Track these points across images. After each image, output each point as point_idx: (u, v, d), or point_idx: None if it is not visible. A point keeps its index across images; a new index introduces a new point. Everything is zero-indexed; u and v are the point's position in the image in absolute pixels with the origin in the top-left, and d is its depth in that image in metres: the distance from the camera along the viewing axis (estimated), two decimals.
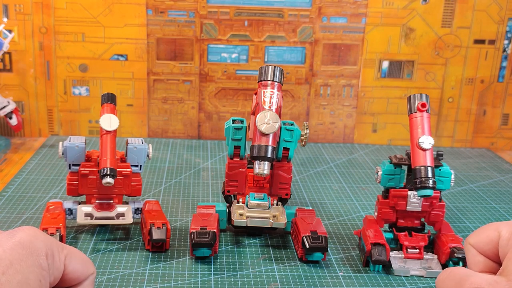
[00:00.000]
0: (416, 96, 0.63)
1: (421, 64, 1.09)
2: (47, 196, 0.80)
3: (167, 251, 0.66)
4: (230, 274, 0.62)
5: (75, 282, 0.42)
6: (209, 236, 0.62)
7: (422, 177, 0.59)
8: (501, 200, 0.87)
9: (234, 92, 1.09)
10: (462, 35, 1.08)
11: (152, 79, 1.07)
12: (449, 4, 1.06)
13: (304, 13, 1.05)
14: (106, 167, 0.61)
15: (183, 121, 1.10)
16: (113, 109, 0.66)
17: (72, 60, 1.05)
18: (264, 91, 0.65)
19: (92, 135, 1.09)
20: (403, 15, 1.06)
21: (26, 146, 1.03)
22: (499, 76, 1.11)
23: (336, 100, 1.10)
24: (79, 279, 0.42)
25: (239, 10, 1.04)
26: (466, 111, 1.12)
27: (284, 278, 0.61)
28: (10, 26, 1.01)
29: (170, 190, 0.85)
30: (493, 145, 1.15)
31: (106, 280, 0.59)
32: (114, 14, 1.03)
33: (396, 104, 1.11)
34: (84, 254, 0.44)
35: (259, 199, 0.66)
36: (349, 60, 1.08)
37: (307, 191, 0.87)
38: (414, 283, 0.62)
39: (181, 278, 0.60)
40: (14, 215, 0.74)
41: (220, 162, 0.99)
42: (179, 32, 1.05)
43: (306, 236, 0.64)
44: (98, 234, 0.69)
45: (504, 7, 1.07)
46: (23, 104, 1.06)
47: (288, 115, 1.10)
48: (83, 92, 1.07)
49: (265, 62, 1.07)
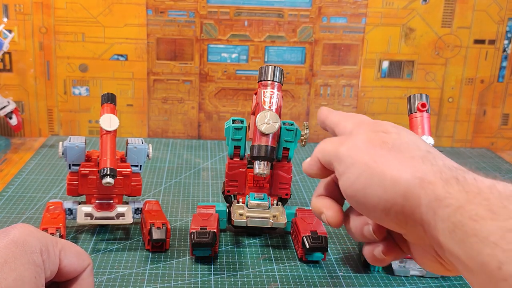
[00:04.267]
0: (416, 96, 0.63)
1: (421, 64, 1.09)
2: (47, 196, 0.80)
3: (167, 251, 0.66)
4: (230, 274, 0.62)
5: (73, 275, 0.43)
6: (209, 236, 0.62)
7: None
8: None
9: (234, 92, 1.09)
10: (462, 35, 1.08)
11: (152, 79, 1.07)
12: (449, 4, 1.06)
13: (304, 13, 1.05)
14: (106, 167, 0.61)
15: (183, 121, 1.10)
16: (113, 109, 0.66)
17: (72, 60, 1.05)
18: (264, 91, 0.65)
19: (92, 135, 1.09)
20: (403, 15, 1.06)
21: (26, 146, 1.03)
22: (499, 76, 1.11)
23: (336, 100, 1.10)
24: (76, 272, 0.43)
25: (239, 10, 1.04)
26: (466, 111, 1.12)
27: (284, 278, 0.61)
28: (10, 26, 1.01)
29: (170, 190, 0.85)
30: (493, 145, 1.15)
31: (106, 280, 0.59)
32: (114, 14, 1.03)
33: (396, 104, 1.11)
34: (79, 247, 0.44)
35: (259, 199, 0.66)
36: (349, 60, 1.08)
37: (307, 191, 0.87)
38: (414, 283, 0.62)
39: (181, 278, 0.61)
40: (14, 215, 0.74)
41: (220, 162, 0.99)
42: (179, 32, 1.05)
43: (306, 236, 0.64)
44: (98, 234, 0.69)
45: (504, 7, 1.07)
46: (23, 104, 1.06)
47: (288, 115, 1.10)
48: (83, 92, 1.07)
49: (265, 62, 1.07)
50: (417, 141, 0.38)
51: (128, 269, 0.62)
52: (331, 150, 0.40)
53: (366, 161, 0.37)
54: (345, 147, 0.39)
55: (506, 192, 0.31)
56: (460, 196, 0.32)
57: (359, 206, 0.38)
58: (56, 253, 0.41)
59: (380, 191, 0.35)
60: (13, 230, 0.40)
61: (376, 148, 0.37)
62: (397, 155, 0.36)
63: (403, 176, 0.35)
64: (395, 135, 0.38)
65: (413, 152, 0.36)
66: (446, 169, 0.34)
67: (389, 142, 0.37)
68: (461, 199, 0.32)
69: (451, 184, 0.33)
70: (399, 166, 0.35)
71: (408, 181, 0.34)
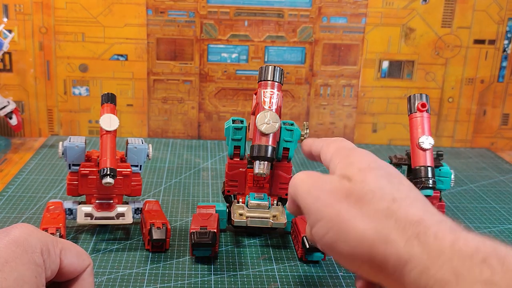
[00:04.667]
0: (416, 96, 0.63)
1: (421, 64, 1.09)
2: (47, 196, 0.80)
3: (167, 251, 0.66)
4: (230, 274, 0.62)
5: (73, 275, 0.43)
6: (209, 236, 0.62)
7: (422, 177, 0.59)
8: (501, 200, 0.87)
9: (234, 92, 1.09)
10: (462, 35, 1.08)
11: (152, 79, 1.07)
12: (449, 4, 1.06)
13: (304, 13, 1.05)
14: (106, 167, 0.61)
15: (183, 121, 1.10)
16: (113, 109, 0.66)
17: (72, 60, 1.05)
18: (264, 91, 0.65)
19: (92, 135, 1.09)
20: (403, 15, 1.06)
21: (26, 146, 1.03)
22: (499, 76, 1.11)
23: (336, 100, 1.11)
24: (77, 272, 0.43)
25: (239, 10, 1.04)
26: (466, 111, 1.12)
27: (284, 278, 0.61)
28: (10, 26, 1.01)
29: (170, 190, 0.85)
30: (493, 145, 1.15)
31: (106, 280, 0.59)
32: (114, 14, 1.03)
33: (396, 104, 1.11)
34: (79, 247, 0.44)
35: (259, 199, 0.66)
36: (349, 60, 1.08)
37: None
38: None
39: (181, 278, 0.60)
40: (14, 215, 0.74)
41: (220, 162, 0.99)
42: (179, 32, 1.05)
43: (306, 236, 0.64)
44: (98, 234, 0.69)
45: (504, 7, 1.07)
46: (23, 104, 1.06)
47: (288, 115, 1.10)
48: (83, 92, 1.07)
49: (265, 62, 1.07)
50: (383, 188, 0.37)
51: (128, 269, 0.62)
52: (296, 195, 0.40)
53: (331, 217, 0.36)
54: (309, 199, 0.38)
55: (468, 250, 0.30)
56: (422, 258, 0.31)
57: (335, 257, 0.38)
58: (56, 253, 0.41)
59: (347, 248, 0.35)
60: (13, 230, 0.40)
61: (341, 203, 0.37)
62: (362, 209, 0.36)
63: (367, 235, 0.34)
64: (359, 184, 0.37)
65: (378, 204, 0.36)
66: (409, 224, 0.33)
67: (353, 194, 0.37)
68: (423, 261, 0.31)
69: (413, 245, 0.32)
70: (363, 222, 0.35)
71: (373, 240, 0.34)
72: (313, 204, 0.38)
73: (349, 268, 0.37)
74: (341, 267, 0.64)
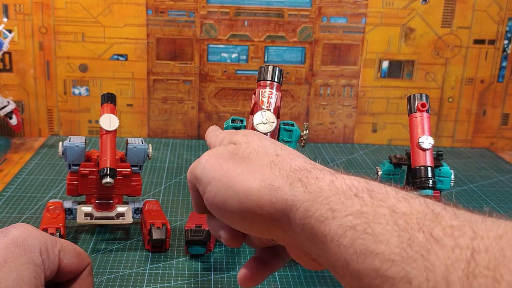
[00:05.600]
0: (416, 96, 0.63)
1: (421, 64, 1.09)
2: (47, 196, 0.80)
3: (167, 251, 0.66)
4: (230, 274, 0.62)
5: (73, 275, 0.43)
6: (202, 234, 0.63)
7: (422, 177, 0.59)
8: (501, 200, 0.87)
9: (234, 92, 1.09)
10: (462, 35, 1.08)
11: (152, 79, 1.07)
12: (449, 4, 1.06)
13: (304, 13, 1.05)
14: (106, 167, 0.61)
15: (183, 121, 1.10)
16: (113, 109, 0.66)
17: (72, 60, 1.05)
18: (263, 90, 0.65)
19: (92, 135, 1.09)
20: (403, 15, 1.06)
21: (26, 146, 1.03)
22: (499, 76, 1.11)
23: (336, 100, 1.11)
24: (76, 272, 0.43)
25: (239, 10, 1.04)
26: (466, 111, 1.12)
27: (284, 278, 0.61)
28: (10, 26, 1.01)
29: (170, 190, 0.85)
30: (493, 145, 1.15)
31: (106, 280, 0.59)
32: (114, 14, 1.03)
33: (396, 104, 1.11)
34: (78, 247, 0.44)
35: None
36: (349, 60, 1.08)
37: None
38: None
39: (180, 278, 0.61)
40: (14, 215, 0.74)
41: None
42: (179, 32, 1.05)
43: None
44: (98, 234, 0.69)
45: (504, 7, 1.07)
46: (23, 104, 1.06)
47: (288, 115, 1.10)
48: (83, 92, 1.07)
49: (265, 62, 1.07)
50: (266, 146, 0.38)
51: (128, 269, 0.62)
52: (190, 173, 0.41)
53: (219, 176, 0.37)
54: (199, 167, 0.39)
55: (343, 187, 0.32)
56: (305, 198, 0.32)
57: (226, 220, 0.38)
58: (55, 253, 0.41)
59: (236, 204, 0.36)
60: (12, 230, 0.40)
61: (228, 162, 0.38)
62: (247, 165, 0.37)
63: (253, 186, 0.35)
64: (244, 145, 0.39)
65: (262, 159, 0.37)
66: (292, 172, 0.35)
67: (238, 153, 0.38)
68: (306, 201, 0.32)
69: (296, 187, 0.33)
70: (249, 176, 0.36)
71: (259, 189, 0.35)
72: (203, 170, 0.39)
73: (242, 228, 0.38)
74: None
